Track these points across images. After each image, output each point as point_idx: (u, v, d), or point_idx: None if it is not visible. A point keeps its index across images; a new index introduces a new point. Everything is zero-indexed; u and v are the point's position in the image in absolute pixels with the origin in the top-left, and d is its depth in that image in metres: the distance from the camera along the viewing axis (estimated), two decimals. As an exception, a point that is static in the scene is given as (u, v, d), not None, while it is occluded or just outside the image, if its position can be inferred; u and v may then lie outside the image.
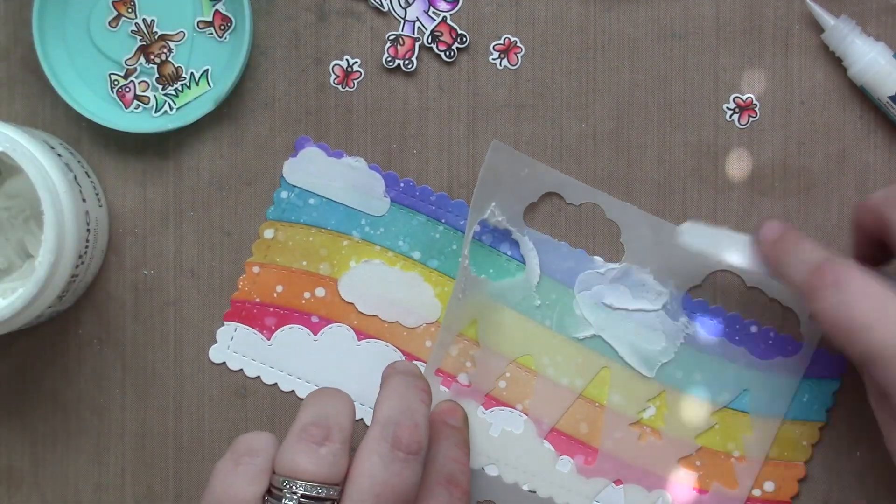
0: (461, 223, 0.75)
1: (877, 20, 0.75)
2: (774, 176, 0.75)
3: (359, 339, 0.76)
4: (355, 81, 0.76)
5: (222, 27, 0.75)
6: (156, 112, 0.75)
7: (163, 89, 0.75)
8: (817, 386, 0.75)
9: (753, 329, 0.75)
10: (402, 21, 0.75)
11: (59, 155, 0.71)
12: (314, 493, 0.64)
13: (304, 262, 0.76)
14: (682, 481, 0.75)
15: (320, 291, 0.76)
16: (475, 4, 0.75)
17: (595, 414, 0.75)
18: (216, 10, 0.75)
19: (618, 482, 0.75)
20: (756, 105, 0.75)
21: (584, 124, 0.75)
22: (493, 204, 0.74)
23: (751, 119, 0.75)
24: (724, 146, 0.75)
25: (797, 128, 0.75)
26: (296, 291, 0.76)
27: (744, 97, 0.75)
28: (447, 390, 0.75)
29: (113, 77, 0.75)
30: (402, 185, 0.75)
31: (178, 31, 0.75)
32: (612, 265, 0.75)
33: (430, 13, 0.75)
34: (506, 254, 0.75)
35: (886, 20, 0.75)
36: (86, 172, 0.73)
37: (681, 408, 0.75)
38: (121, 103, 0.75)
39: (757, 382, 0.74)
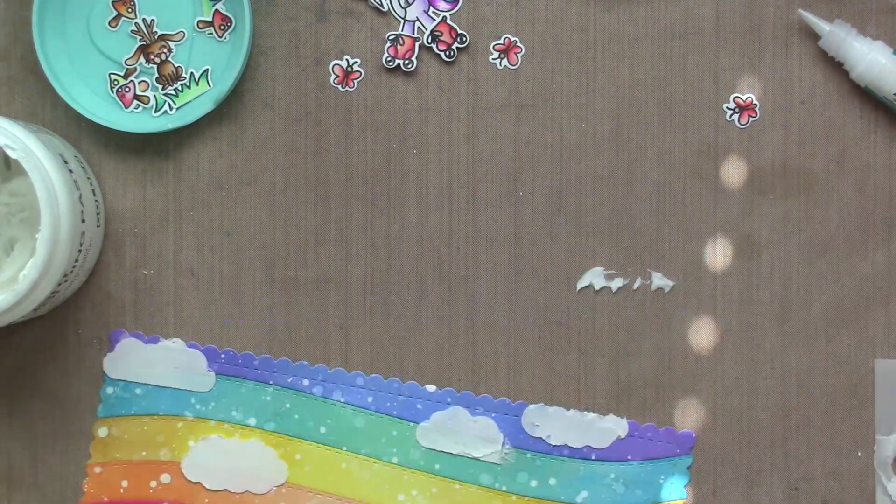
0: (289, 381, 0.75)
1: (876, 20, 0.75)
2: (774, 176, 0.75)
3: None
4: (355, 81, 0.76)
5: (222, 27, 0.75)
6: (156, 112, 0.75)
7: (163, 89, 0.75)
8: (672, 465, 0.75)
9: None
10: (402, 21, 0.75)
11: (70, 171, 0.71)
12: None
13: (144, 452, 0.75)
14: None
15: (165, 478, 0.75)
16: (475, 4, 0.75)
17: None
18: (216, 10, 0.75)
19: None
20: (756, 105, 0.75)
21: (584, 124, 0.75)
22: None
23: (751, 119, 0.75)
24: (724, 146, 0.75)
25: (797, 128, 0.75)
26: (141, 483, 0.75)
27: (744, 97, 0.75)
28: None
29: (113, 77, 0.75)
30: (223, 356, 0.75)
31: (178, 30, 0.75)
32: (447, 390, 0.75)
33: (429, 13, 0.75)
34: (339, 401, 0.75)
35: (885, 20, 0.75)
36: (92, 190, 0.73)
37: None
38: (121, 103, 0.75)
39: (608, 478, 0.74)
